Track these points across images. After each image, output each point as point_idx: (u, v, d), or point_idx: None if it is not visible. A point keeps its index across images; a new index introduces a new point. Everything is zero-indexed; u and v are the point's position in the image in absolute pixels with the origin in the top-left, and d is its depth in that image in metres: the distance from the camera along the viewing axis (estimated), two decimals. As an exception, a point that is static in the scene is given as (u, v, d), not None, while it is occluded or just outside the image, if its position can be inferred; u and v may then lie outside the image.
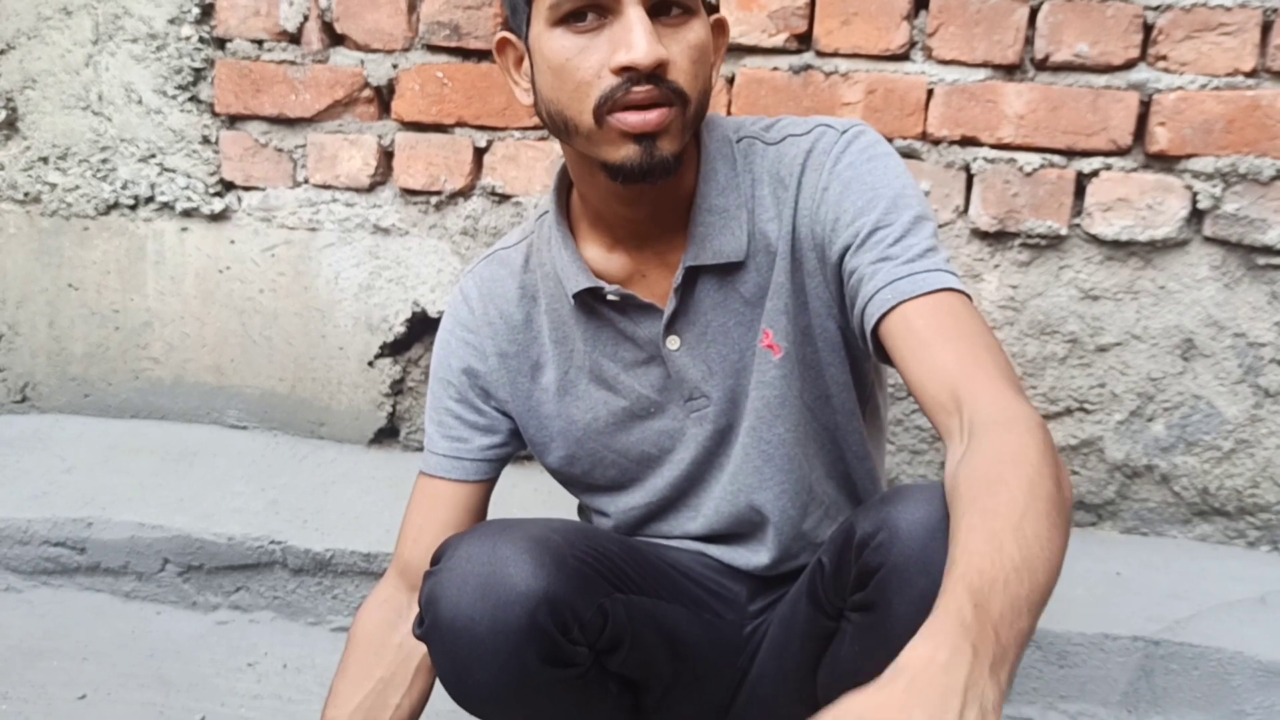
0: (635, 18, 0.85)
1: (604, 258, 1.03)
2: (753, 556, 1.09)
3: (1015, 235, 1.64)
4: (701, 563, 1.11)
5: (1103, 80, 1.58)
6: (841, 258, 0.95)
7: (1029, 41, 1.60)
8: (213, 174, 1.92)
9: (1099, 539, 1.69)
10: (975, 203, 1.65)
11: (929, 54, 1.63)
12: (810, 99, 1.67)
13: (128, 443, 1.95)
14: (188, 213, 1.95)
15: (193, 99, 1.91)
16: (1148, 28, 1.56)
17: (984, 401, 0.81)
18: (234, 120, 1.90)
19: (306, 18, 1.82)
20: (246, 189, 1.92)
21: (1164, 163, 1.59)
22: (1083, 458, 1.69)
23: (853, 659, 0.93)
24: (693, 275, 1.00)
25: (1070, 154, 1.61)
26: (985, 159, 1.63)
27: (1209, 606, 1.46)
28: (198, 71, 1.89)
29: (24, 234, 2.03)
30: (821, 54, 1.66)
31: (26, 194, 2.01)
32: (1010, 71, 1.61)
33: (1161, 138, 1.57)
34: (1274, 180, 1.55)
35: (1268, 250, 1.58)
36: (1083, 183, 1.62)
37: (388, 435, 1.97)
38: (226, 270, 1.96)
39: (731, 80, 1.69)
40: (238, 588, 1.66)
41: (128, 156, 1.95)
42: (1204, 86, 1.55)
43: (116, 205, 1.98)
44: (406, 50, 1.80)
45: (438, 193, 1.83)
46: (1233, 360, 1.62)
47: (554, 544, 0.92)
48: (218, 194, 1.93)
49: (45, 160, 1.99)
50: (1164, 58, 1.56)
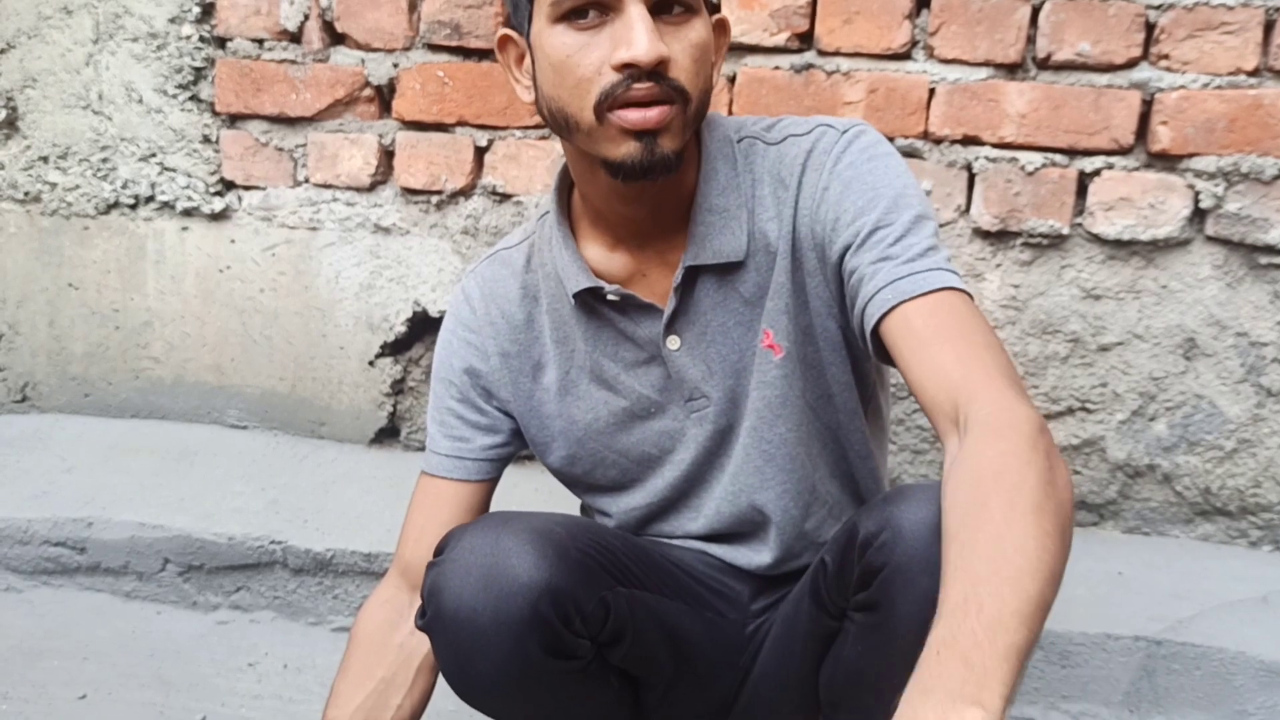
0: (637, 15, 0.85)
1: (605, 257, 1.03)
2: (755, 556, 1.09)
3: (1017, 234, 1.64)
4: (704, 561, 1.11)
5: (1105, 79, 1.58)
6: (842, 257, 0.95)
7: (1031, 40, 1.59)
8: (213, 173, 1.92)
9: (1101, 539, 1.69)
10: (977, 202, 1.64)
11: (931, 53, 1.63)
12: (812, 98, 1.66)
13: (128, 442, 1.95)
14: (188, 212, 1.94)
15: (193, 98, 1.90)
16: (1150, 27, 1.56)
17: (980, 403, 0.80)
18: (234, 119, 1.90)
19: (307, 17, 1.82)
20: (247, 188, 1.92)
21: (1166, 162, 1.58)
22: (1084, 457, 1.69)
23: (856, 658, 0.93)
24: (692, 275, 1.00)
25: (1072, 153, 1.60)
26: (987, 158, 1.63)
27: (1211, 606, 1.46)
28: (198, 70, 1.89)
29: (24, 233, 2.03)
30: (823, 53, 1.66)
31: (27, 193, 2.00)
32: (1012, 70, 1.61)
33: (1164, 137, 1.57)
34: (1276, 179, 1.55)
35: (1270, 249, 1.57)
36: (1085, 182, 1.61)
37: (388, 435, 1.97)
38: (227, 270, 1.96)
39: (733, 79, 1.69)
40: (238, 588, 1.66)
41: (128, 156, 1.95)
42: (1206, 85, 1.55)
43: (117, 205, 1.97)
44: (407, 49, 1.80)
45: (438, 192, 1.83)
46: (1235, 360, 1.62)
47: (556, 536, 0.92)
48: (218, 193, 1.93)
49: (45, 159, 1.98)
50: (1166, 57, 1.56)
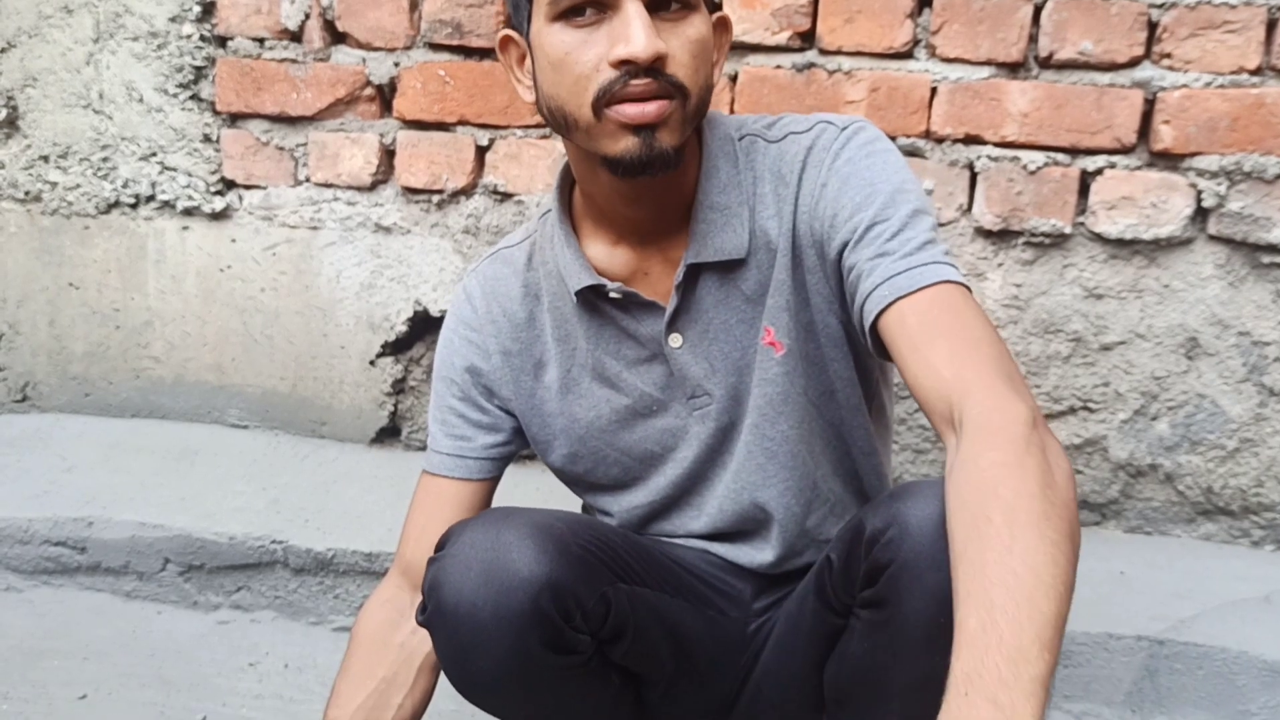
0: (634, 12, 0.85)
1: (607, 255, 1.03)
2: (757, 554, 1.09)
3: (1019, 234, 1.64)
4: (705, 560, 1.11)
5: (1107, 78, 1.58)
6: (840, 253, 0.95)
7: (1033, 39, 1.59)
8: (214, 172, 1.92)
9: (1103, 538, 1.69)
10: (979, 201, 1.64)
11: (933, 52, 1.62)
12: (813, 97, 1.66)
13: (128, 442, 1.94)
14: (189, 211, 1.94)
15: (194, 97, 1.90)
16: (1152, 25, 1.56)
17: (973, 400, 0.80)
18: (235, 119, 1.90)
19: (308, 16, 1.82)
20: (248, 187, 1.92)
21: (1168, 161, 1.58)
22: (1086, 457, 1.69)
23: (861, 656, 0.92)
24: (694, 273, 1.00)
25: (1074, 152, 1.60)
26: (989, 157, 1.63)
27: (1213, 606, 1.46)
28: (199, 70, 1.89)
29: (25, 233, 2.02)
30: (825, 52, 1.65)
31: (27, 193, 2.00)
32: (1014, 69, 1.60)
33: (1166, 136, 1.56)
34: (1278, 178, 1.55)
35: (1272, 249, 1.57)
36: (1087, 181, 1.61)
37: (389, 434, 1.97)
38: (227, 269, 1.95)
39: (734, 78, 1.69)
40: (239, 587, 1.65)
41: (129, 155, 1.95)
42: (1209, 84, 1.55)
43: (117, 204, 1.97)
44: (408, 48, 1.80)
45: (439, 191, 1.83)
46: (1237, 359, 1.62)
47: (557, 531, 0.92)
48: (219, 192, 1.93)
49: (46, 159, 1.98)
50: (1168, 55, 1.55)
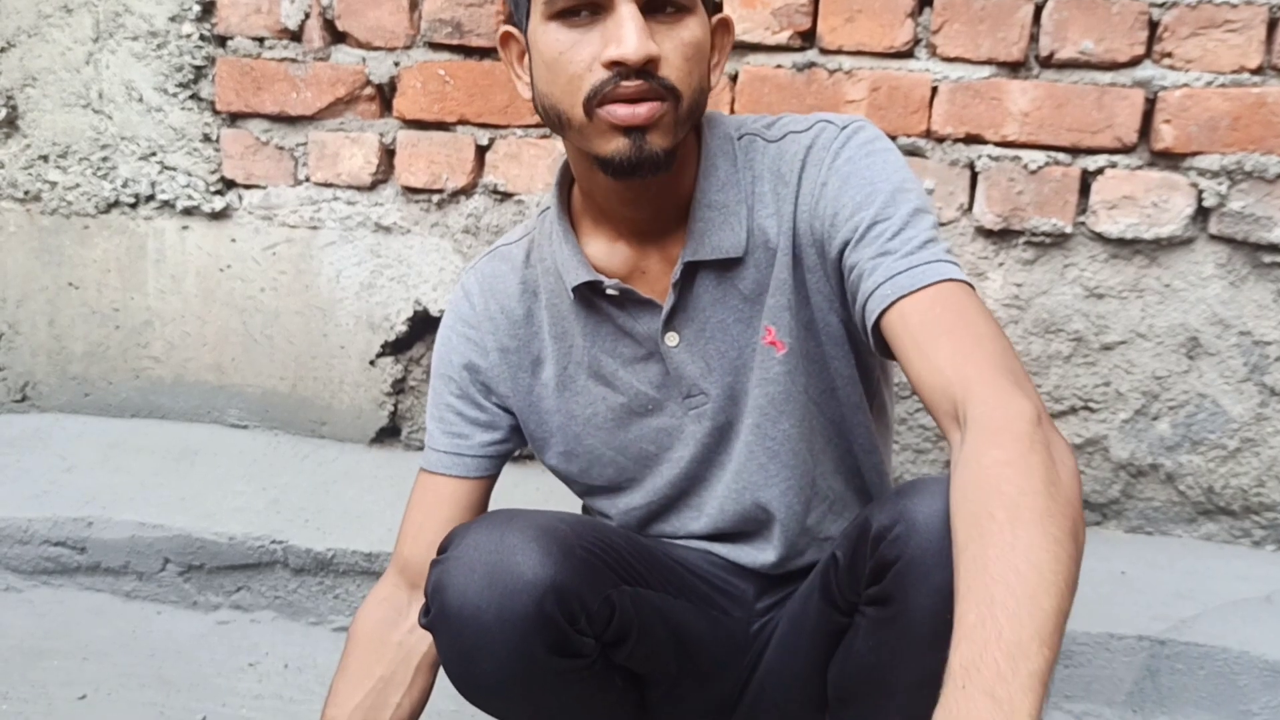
0: (627, 14, 0.86)
1: (605, 253, 1.03)
2: (759, 554, 1.09)
3: (1020, 233, 1.64)
4: (708, 560, 1.10)
5: (1108, 77, 1.57)
6: (841, 253, 0.95)
7: (1034, 39, 1.59)
8: (213, 172, 1.92)
9: (1104, 538, 1.68)
10: (980, 201, 1.64)
11: (933, 51, 1.62)
12: (814, 96, 1.66)
13: (128, 442, 1.94)
14: (188, 211, 1.94)
15: (193, 97, 1.90)
16: (1153, 24, 1.55)
17: (977, 398, 0.80)
18: (235, 118, 1.89)
19: (308, 15, 1.82)
20: (247, 187, 1.92)
21: (1169, 160, 1.58)
22: (1087, 457, 1.69)
23: (866, 654, 0.92)
24: (692, 271, 1.00)
25: (1075, 151, 1.60)
26: (990, 157, 1.62)
27: (1214, 606, 1.46)
28: (198, 69, 1.89)
29: (24, 232, 2.02)
30: (825, 51, 1.65)
31: (27, 192, 2.00)
32: (1015, 69, 1.60)
33: (1167, 135, 1.56)
34: (1280, 178, 1.55)
35: (1273, 248, 1.57)
36: (1088, 180, 1.61)
37: (389, 434, 1.97)
38: (227, 269, 1.95)
39: (735, 78, 1.68)
40: (239, 587, 1.65)
41: (128, 154, 1.94)
42: (1210, 84, 1.55)
43: (117, 203, 1.97)
44: (408, 48, 1.80)
45: (439, 191, 1.83)
46: (1238, 359, 1.61)
47: (561, 534, 0.92)
48: (218, 192, 1.92)
49: (45, 158, 1.98)
50: (1169, 55, 1.55)
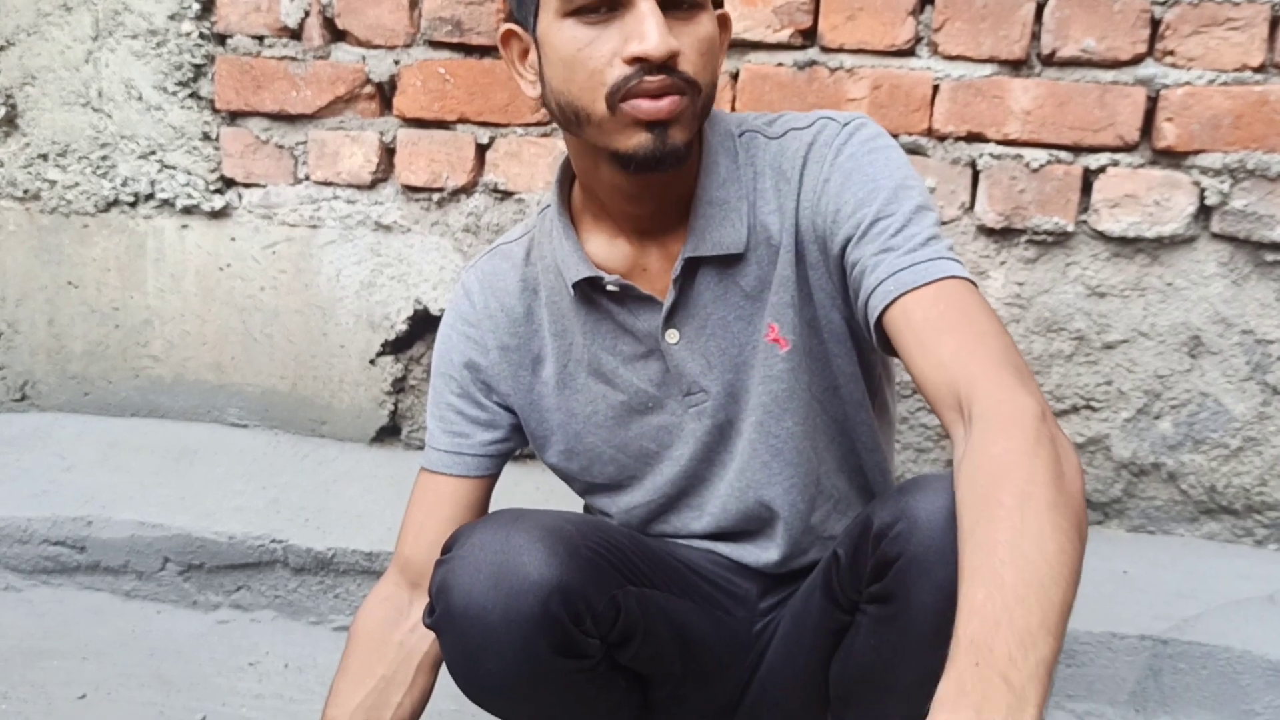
0: (647, 10, 0.86)
1: (605, 250, 1.03)
2: (762, 554, 1.09)
3: (1021, 232, 1.63)
4: (711, 560, 1.10)
5: (1110, 76, 1.57)
6: (844, 249, 0.95)
7: (1035, 37, 1.59)
8: (213, 171, 1.91)
9: (1106, 537, 1.68)
10: (981, 199, 1.64)
11: (935, 49, 1.62)
12: (815, 95, 1.66)
13: (128, 441, 1.94)
14: (188, 210, 1.94)
15: (193, 95, 1.90)
16: (1155, 23, 1.55)
17: (982, 394, 0.80)
18: (234, 117, 1.89)
19: (307, 13, 1.81)
20: (247, 186, 1.91)
21: (1171, 159, 1.58)
22: (1089, 456, 1.68)
23: (868, 652, 0.92)
24: (692, 267, 1.00)
25: (1077, 150, 1.60)
26: (991, 155, 1.62)
27: (1217, 605, 1.46)
28: (198, 68, 1.88)
29: (24, 231, 2.02)
30: (826, 49, 1.65)
31: (26, 191, 2.00)
32: (1017, 67, 1.60)
33: (1169, 133, 1.56)
34: (1282, 176, 1.54)
35: (1276, 247, 1.57)
36: (1089, 179, 1.61)
37: (389, 434, 1.96)
38: (227, 268, 1.95)
39: (736, 76, 1.68)
40: (239, 587, 1.65)
41: (128, 153, 1.94)
42: (1212, 82, 1.54)
43: (116, 202, 1.97)
44: (408, 46, 1.79)
45: (439, 190, 1.82)
46: (1240, 357, 1.61)
47: (567, 534, 0.92)
48: (218, 191, 1.92)
49: (45, 157, 1.98)
50: (1171, 53, 1.55)
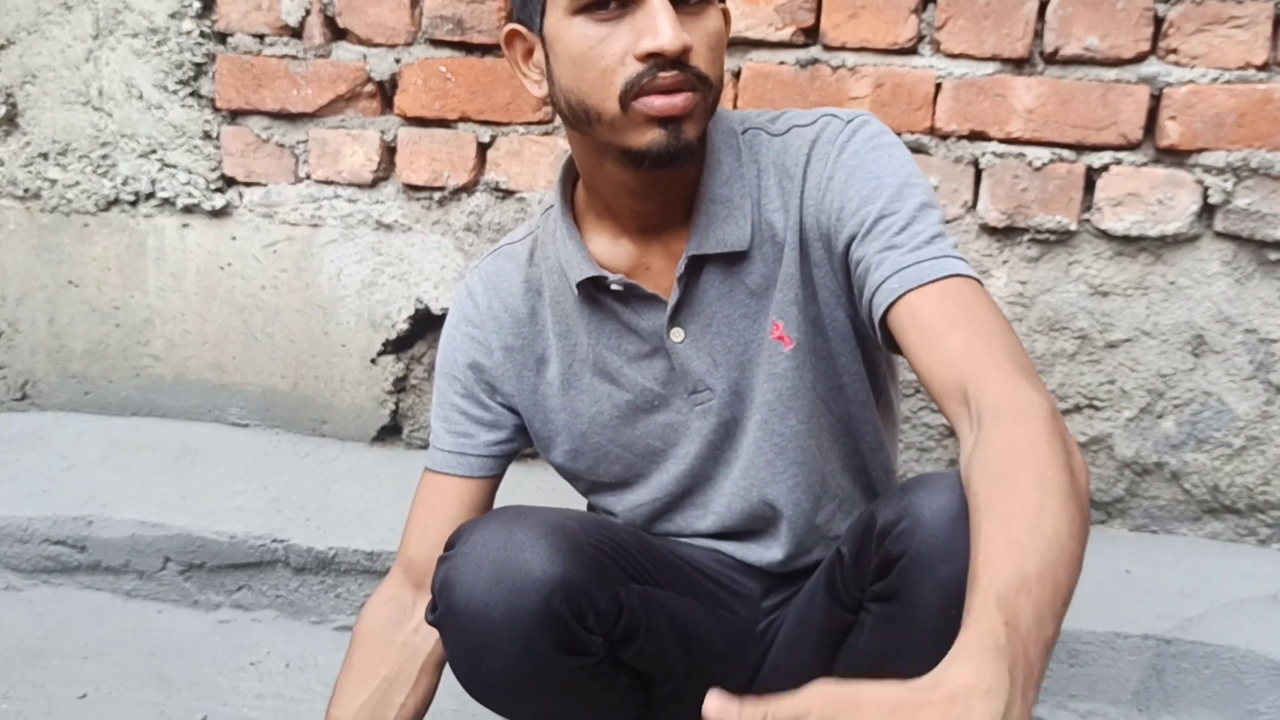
0: (659, 5, 0.86)
1: (609, 249, 1.03)
2: (766, 552, 1.08)
3: (1024, 230, 1.63)
4: (715, 559, 1.10)
5: (1113, 74, 1.57)
6: (848, 247, 0.95)
7: (1038, 35, 1.58)
8: (214, 170, 1.91)
9: (1109, 537, 1.68)
10: (984, 198, 1.63)
11: (937, 47, 1.62)
12: (817, 93, 1.65)
13: (128, 440, 1.94)
14: (189, 209, 1.93)
15: (194, 94, 1.89)
16: (1158, 21, 1.55)
17: (991, 390, 0.80)
18: (235, 115, 1.89)
19: (308, 12, 1.81)
20: (248, 185, 1.91)
21: (1175, 157, 1.57)
22: (1092, 455, 1.68)
23: (872, 650, 0.92)
24: (697, 265, 0.99)
25: (1080, 148, 1.59)
26: (994, 154, 1.62)
27: (1220, 605, 1.45)
28: (199, 66, 1.88)
29: (24, 230, 2.02)
30: (829, 48, 1.65)
31: (26, 190, 1.99)
32: (1019, 65, 1.60)
33: (1172, 132, 1.56)
34: (1286, 175, 1.54)
35: (1279, 245, 1.56)
36: (1092, 177, 1.60)
37: (391, 433, 1.96)
38: (228, 267, 1.94)
39: (738, 74, 1.68)
40: (240, 586, 1.65)
41: (128, 152, 1.94)
42: (1215, 80, 1.54)
43: (117, 201, 1.96)
44: (409, 45, 1.79)
45: (441, 188, 1.82)
46: (1244, 356, 1.61)
47: (570, 531, 0.92)
48: (219, 190, 1.92)
49: (45, 156, 1.97)
50: (1175, 51, 1.55)
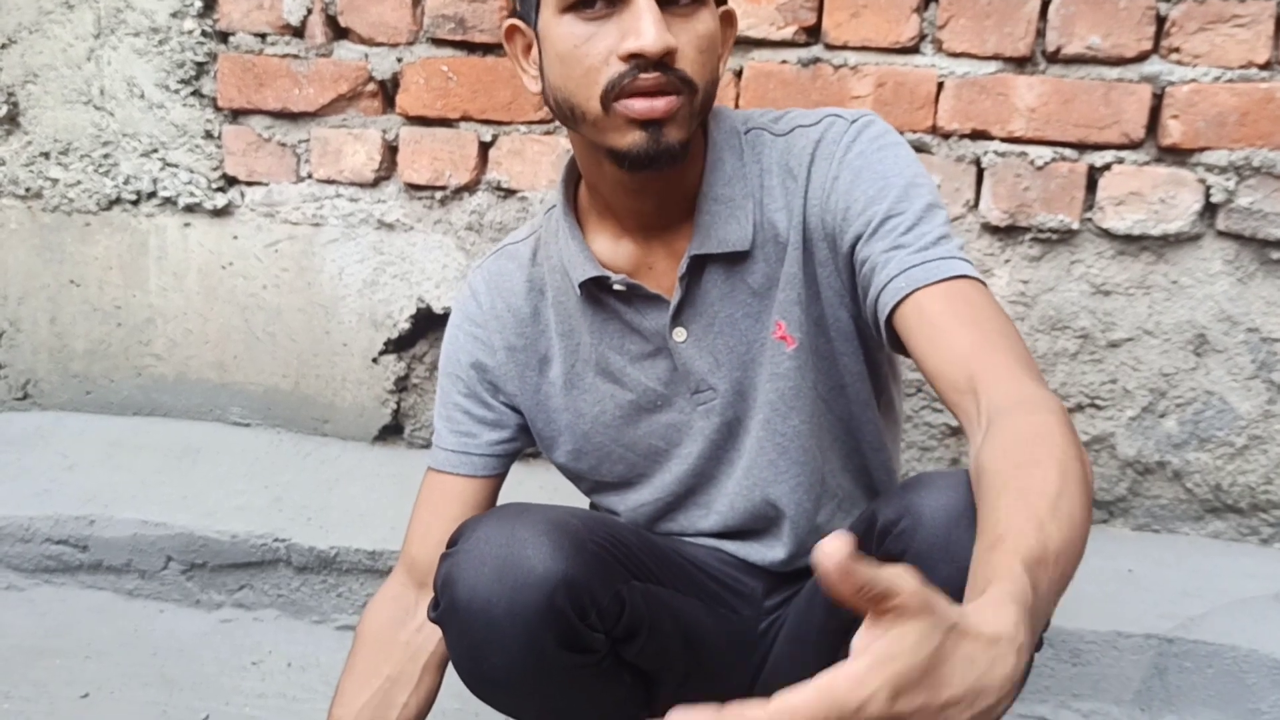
0: (644, 6, 0.85)
1: (611, 249, 1.03)
2: (768, 552, 1.08)
3: (1026, 230, 1.63)
4: (717, 558, 1.10)
5: (1115, 73, 1.57)
6: (853, 247, 0.94)
7: (1040, 34, 1.58)
8: (215, 169, 1.91)
9: (1111, 536, 1.68)
10: (986, 197, 1.63)
11: (939, 46, 1.61)
12: (819, 92, 1.65)
13: (130, 440, 1.94)
14: (190, 208, 1.93)
15: (195, 93, 1.89)
16: (1160, 20, 1.55)
17: (1000, 386, 0.80)
18: (237, 115, 1.89)
19: (310, 11, 1.81)
20: (249, 184, 1.91)
21: (1177, 156, 1.57)
22: (1094, 454, 1.68)
23: None
24: (699, 265, 0.99)
25: (1082, 147, 1.59)
26: (996, 153, 1.62)
27: (1222, 604, 1.45)
28: (200, 65, 1.88)
29: (25, 230, 2.01)
30: (830, 47, 1.64)
31: (28, 189, 1.99)
32: (1021, 64, 1.59)
33: (1174, 131, 1.55)
34: (1288, 174, 1.54)
35: (1281, 244, 1.56)
36: (1094, 176, 1.60)
37: (392, 432, 1.96)
38: (229, 266, 1.94)
39: (739, 73, 1.68)
40: (241, 586, 1.65)
41: (130, 151, 1.94)
42: (1217, 79, 1.54)
43: (118, 201, 1.96)
44: (411, 44, 1.79)
45: (442, 188, 1.82)
46: (1246, 356, 1.61)
47: (572, 528, 0.91)
48: (220, 189, 1.92)
49: (47, 155, 1.97)
50: (1177, 50, 1.54)
